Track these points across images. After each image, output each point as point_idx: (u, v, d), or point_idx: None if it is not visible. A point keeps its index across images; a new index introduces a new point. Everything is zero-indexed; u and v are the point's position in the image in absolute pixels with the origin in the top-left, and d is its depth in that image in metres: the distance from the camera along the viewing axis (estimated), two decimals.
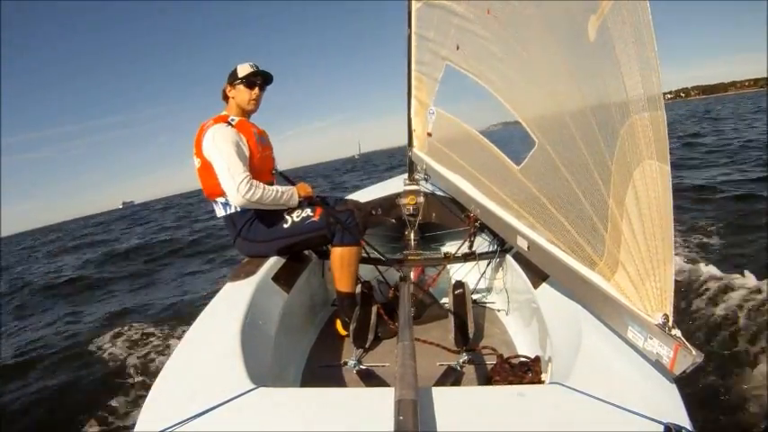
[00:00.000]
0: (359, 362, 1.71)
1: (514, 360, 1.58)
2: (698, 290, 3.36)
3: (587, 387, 0.95)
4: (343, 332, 1.95)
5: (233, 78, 1.91)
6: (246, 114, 1.96)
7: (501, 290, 2.18)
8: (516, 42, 1.56)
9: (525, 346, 1.79)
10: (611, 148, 1.09)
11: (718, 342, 2.70)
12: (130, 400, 2.48)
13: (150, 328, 3.66)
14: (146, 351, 3.20)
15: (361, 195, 2.95)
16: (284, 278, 1.81)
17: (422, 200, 2.73)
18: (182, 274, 6.67)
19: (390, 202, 2.78)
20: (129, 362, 3.06)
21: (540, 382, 1.39)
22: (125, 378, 2.81)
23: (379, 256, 2.20)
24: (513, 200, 1.61)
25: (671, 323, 0.93)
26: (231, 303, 1.48)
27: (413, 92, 2.79)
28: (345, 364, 1.74)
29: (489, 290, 2.39)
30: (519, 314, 2.00)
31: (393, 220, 2.79)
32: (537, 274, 1.65)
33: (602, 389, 0.94)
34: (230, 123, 1.82)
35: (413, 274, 2.53)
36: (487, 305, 2.26)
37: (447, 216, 2.61)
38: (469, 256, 2.28)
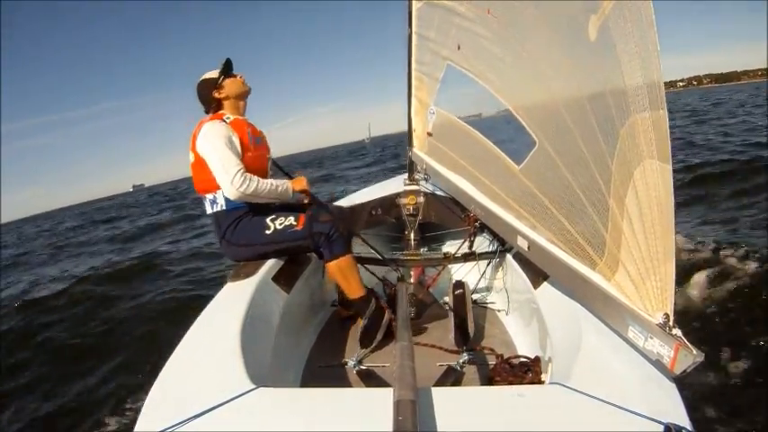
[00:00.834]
0: (359, 362, 1.71)
1: (514, 360, 1.58)
2: (697, 283, 3.36)
3: (587, 387, 0.95)
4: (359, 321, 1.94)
5: (215, 82, 1.94)
6: (243, 104, 1.99)
7: (501, 290, 2.18)
8: (516, 42, 1.56)
9: (525, 347, 1.79)
10: (611, 147, 1.09)
11: (717, 342, 2.69)
12: (130, 400, 2.48)
13: None
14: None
15: (361, 195, 2.95)
16: (284, 278, 1.81)
17: (422, 200, 2.72)
18: None
19: (390, 202, 2.77)
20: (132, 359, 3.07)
21: (540, 383, 1.39)
22: (125, 377, 2.81)
23: (377, 256, 2.19)
24: (514, 200, 1.61)
25: (671, 322, 0.93)
26: (231, 303, 1.48)
27: (413, 91, 2.78)
28: (345, 364, 1.73)
29: (489, 290, 2.39)
30: (519, 314, 2.00)
31: (393, 220, 2.79)
32: (537, 274, 1.65)
33: (602, 389, 0.94)
34: (225, 121, 1.85)
35: (413, 274, 2.53)
36: (487, 305, 2.26)
37: (447, 216, 2.61)
38: (469, 256, 2.27)
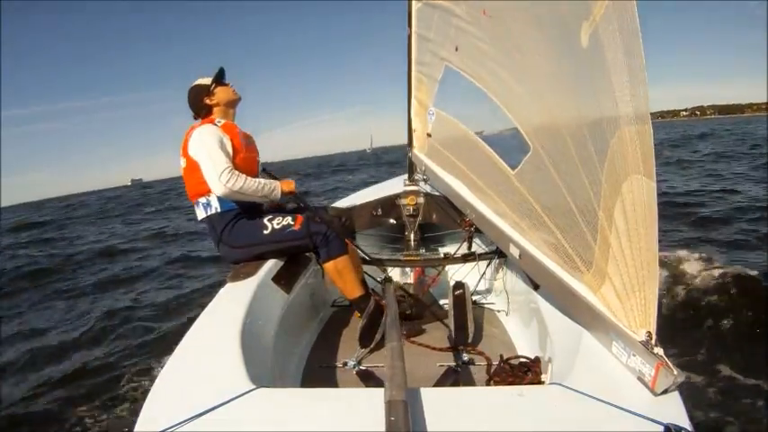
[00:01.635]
0: (359, 362, 1.72)
1: (514, 360, 1.58)
2: (688, 284, 3.37)
3: (587, 387, 0.95)
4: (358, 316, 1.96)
5: (206, 88, 1.95)
6: (233, 112, 2.01)
7: (501, 290, 2.18)
8: (511, 44, 1.56)
9: (525, 347, 1.79)
10: (601, 157, 1.09)
11: (718, 341, 2.70)
12: (130, 400, 2.48)
13: None
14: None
15: (361, 196, 2.95)
16: (284, 278, 1.81)
17: (422, 200, 2.73)
18: None
19: (390, 203, 2.78)
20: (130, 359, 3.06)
21: (540, 383, 1.39)
22: (125, 376, 2.81)
23: (386, 257, 2.19)
24: (508, 205, 1.61)
25: (654, 341, 0.93)
26: (231, 303, 1.48)
27: (413, 92, 2.79)
28: (345, 364, 1.74)
29: (489, 290, 2.39)
30: (519, 315, 2.00)
31: (393, 221, 2.79)
32: None
33: (602, 389, 0.94)
34: (216, 124, 1.86)
35: (413, 275, 2.53)
36: (487, 306, 2.26)
37: (447, 217, 2.61)
38: (469, 257, 2.28)
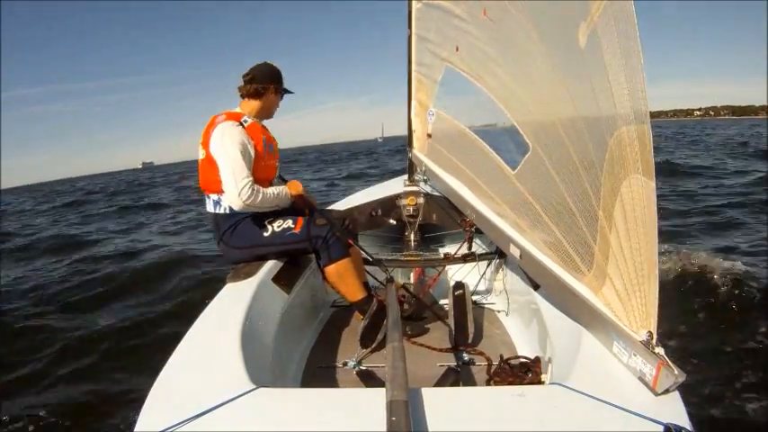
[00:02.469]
0: (359, 362, 1.72)
1: (514, 361, 1.58)
2: (691, 285, 3.37)
3: (587, 387, 0.95)
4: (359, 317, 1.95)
5: (280, 84, 1.91)
6: (263, 117, 1.95)
7: (501, 291, 2.18)
8: (510, 44, 1.56)
9: (525, 347, 1.79)
10: (600, 157, 1.09)
11: (717, 341, 2.70)
12: (130, 400, 2.48)
13: None
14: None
15: (362, 196, 2.95)
16: (284, 279, 1.81)
17: (422, 201, 2.73)
18: None
19: (390, 203, 2.78)
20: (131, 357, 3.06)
21: (540, 383, 1.39)
22: (126, 375, 2.81)
23: (386, 257, 2.19)
24: (508, 205, 1.61)
25: (654, 341, 0.93)
26: (231, 303, 1.48)
27: (413, 92, 2.79)
28: (345, 364, 1.74)
29: (489, 291, 2.39)
30: (519, 315, 2.00)
31: (393, 221, 2.79)
32: None
33: (602, 389, 0.94)
34: (242, 124, 1.78)
35: (413, 275, 2.53)
36: (487, 306, 2.26)
37: (447, 217, 2.61)
38: (469, 257, 2.28)
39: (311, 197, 2.02)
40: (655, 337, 0.94)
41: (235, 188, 1.67)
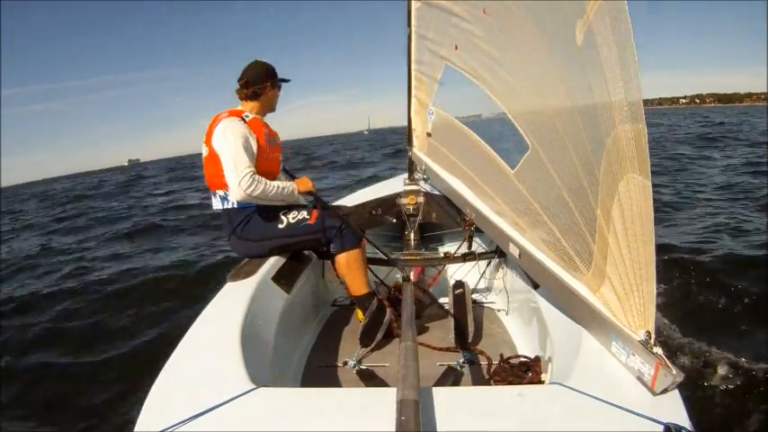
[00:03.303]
0: (359, 362, 1.72)
1: (514, 360, 1.58)
2: (695, 280, 3.37)
3: (587, 387, 0.95)
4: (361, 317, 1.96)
5: (275, 79, 1.92)
6: (264, 114, 1.97)
7: (501, 290, 2.18)
8: (510, 43, 1.56)
9: (525, 346, 1.79)
10: (597, 156, 1.09)
11: (716, 342, 2.70)
12: (129, 400, 2.48)
13: None
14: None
15: (362, 195, 2.95)
16: (284, 278, 1.81)
17: (421, 200, 2.73)
18: None
19: (390, 202, 2.78)
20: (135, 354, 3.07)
21: (540, 382, 1.40)
22: (125, 375, 2.81)
23: (381, 256, 2.20)
24: (507, 204, 1.61)
25: (653, 340, 0.94)
26: (231, 303, 1.48)
27: (413, 91, 2.79)
28: (345, 364, 1.74)
29: (489, 290, 2.39)
30: (519, 314, 2.00)
31: (393, 220, 2.79)
32: None
33: (602, 389, 0.94)
34: (244, 119, 1.81)
35: (413, 275, 2.53)
36: (487, 305, 2.26)
37: (447, 216, 2.61)
38: (469, 256, 2.28)
39: None
40: (653, 336, 0.94)
41: (236, 178, 1.69)
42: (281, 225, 1.85)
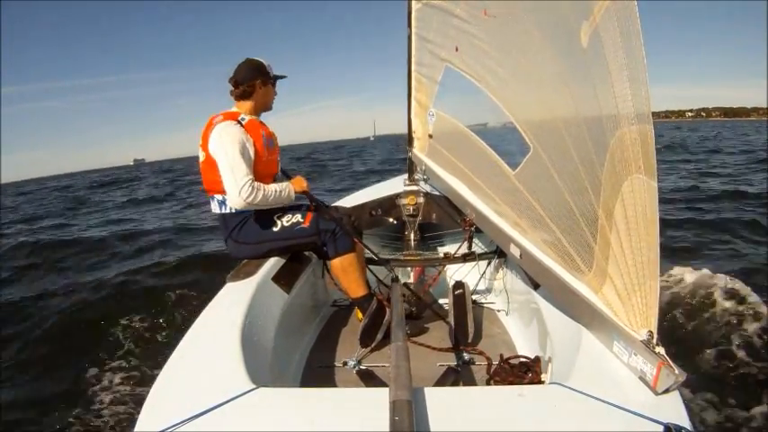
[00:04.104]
0: (359, 362, 1.72)
1: (514, 360, 1.58)
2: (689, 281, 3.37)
3: (587, 387, 0.95)
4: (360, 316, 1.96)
5: (265, 76, 1.86)
6: (260, 113, 1.94)
7: (501, 290, 2.18)
8: (511, 44, 1.56)
9: (525, 347, 1.79)
10: (600, 157, 1.09)
11: (716, 342, 2.70)
12: (130, 400, 2.48)
13: None
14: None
15: (362, 195, 2.95)
16: (284, 278, 1.81)
17: (422, 200, 2.73)
18: None
19: (390, 203, 2.78)
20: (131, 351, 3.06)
21: (540, 382, 1.40)
22: (125, 374, 2.81)
23: (372, 256, 2.20)
24: (508, 205, 1.61)
25: (655, 340, 0.94)
26: (231, 303, 1.48)
27: (413, 93, 2.79)
28: (345, 364, 1.74)
29: (489, 290, 2.39)
30: (519, 314, 2.00)
31: (393, 221, 2.79)
32: None
33: (602, 389, 0.94)
34: (240, 122, 1.78)
35: (413, 275, 2.53)
36: (487, 305, 2.26)
37: (447, 216, 2.61)
38: (469, 257, 2.28)
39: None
40: (655, 336, 0.94)
41: (235, 187, 1.67)
42: (275, 228, 1.85)
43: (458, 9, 1.90)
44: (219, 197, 1.83)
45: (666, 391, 0.90)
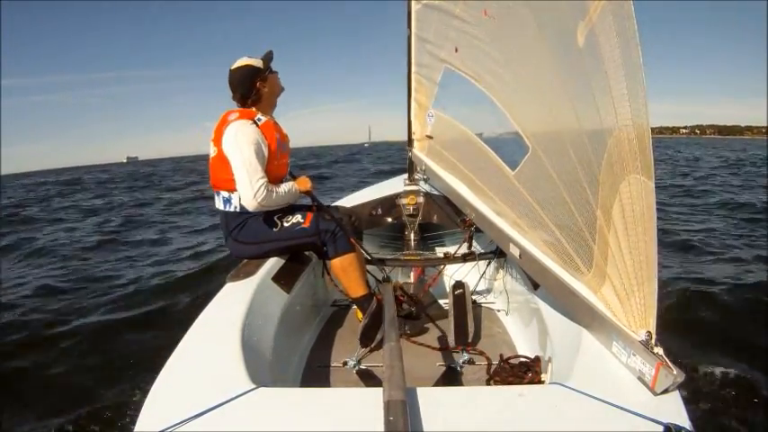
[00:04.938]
0: (359, 362, 1.72)
1: (514, 360, 1.59)
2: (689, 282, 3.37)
3: (587, 387, 0.95)
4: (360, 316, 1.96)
5: (260, 72, 1.81)
6: (275, 105, 1.92)
7: (501, 290, 2.18)
8: (510, 45, 1.57)
9: (525, 347, 1.79)
10: (598, 157, 1.09)
11: (716, 342, 2.70)
12: (129, 400, 2.48)
13: None
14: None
15: (362, 195, 2.96)
16: (284, 278, 1.81)
17: (422, 200, 2.73)
18: None
19: (390, 203, 2.78)
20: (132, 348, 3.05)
21: (540, 382, 1.40)
22: (125, 375, 2.80)
23: (377, 256, 2.20)
24: (507, 205, 1.62)
25: (654, 341, 0.94)
26: (231, 303, 1.48)
27: (413, 94, 2.79)
28: (345, 364, 1.74)
29: (489, 290, 2.40)
30: (519, 314, 2.00)
31: (393, 221, 2.79)
32: None
33: (602, 389, 0.94)
34: (256, 123, 1.76)
35: (413, 275, 2.53)
36: (487, 305, 2.27)
37: (447, 216, 2.61)
38: (469, 257, 2.28)
39: None
40: (654, 337, 0.94)
41: (250, 190, 1.67)
42: (275, 229, 1.85)
43: (457, 9, 1.90)
44: (225, 194, 1.83)
45: (665, 391, 0.90)
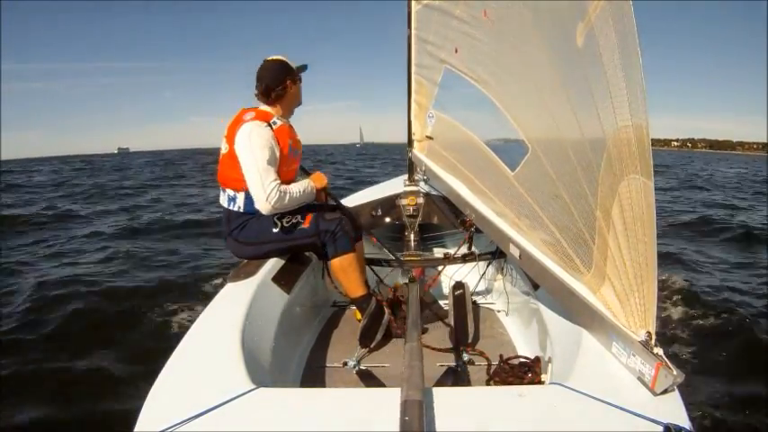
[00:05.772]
0: (358, 362, 1.72)
1: (514, 360, 1.58)
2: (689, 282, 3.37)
3: (587, 387, 0.95)
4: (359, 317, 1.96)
5: (294, 74, 1.82)
6: (291, 112, 1.92)
7: (501, 291, 2.18)
8: (510, 45, 1.57)
9: (525, 347, 1.79)
10: (597, 157, 1.09)
11: (716, 342, 2.70)
12: (129, 400, 2.48)
13: None
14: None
15: (362, 196, 2.96)
16: (284, 278, 1.81)
17: (422, 201, 2.73)
18: None
19: (390, 203, 2.78)
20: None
21: (540, 383, 1.40)
22: (125, 375, 2.80)
23: (384, 257, 2.20)
24: (507, 205, 1.62)
25: (653, 341, 0.94)
26: (231, 303, 1.48)
27: (412, 95, 2.79)
28: (345, 364, 1.74)
29: (489, 291, 2.40)
30: (519, 315, 2.00)
31: (393, 221, 2.79)
32: None
33: (602, 389, 0.94)
34: (271, 126, 1.75)
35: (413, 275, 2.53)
36: (487, 306, 2.27)
37: (447, 217, 2.61)
38: (469, 257, 2.28)
39: None
40: (653, 337, 0.94)
41: (263, 192, 1.66)
42: (275, 229, 1.84)
43: (457, 10, 1.90)
44: (231, 192, 1.83)
45: (665, 391, 0.90)
